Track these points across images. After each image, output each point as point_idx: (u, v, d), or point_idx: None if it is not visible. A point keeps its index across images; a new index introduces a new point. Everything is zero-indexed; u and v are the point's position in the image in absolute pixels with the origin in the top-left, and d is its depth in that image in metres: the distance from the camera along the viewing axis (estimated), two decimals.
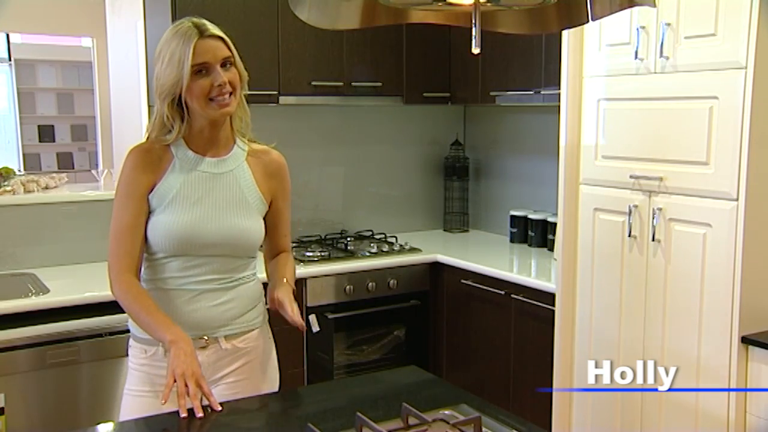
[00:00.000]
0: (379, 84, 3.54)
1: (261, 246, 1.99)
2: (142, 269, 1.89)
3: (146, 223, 1.84)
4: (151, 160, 1.85)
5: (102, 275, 2.89)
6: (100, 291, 2.66)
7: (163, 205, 1.83)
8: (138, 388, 1.87)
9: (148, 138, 1.89)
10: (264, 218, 1.95)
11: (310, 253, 3.32)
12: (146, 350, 1.86)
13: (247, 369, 1.92)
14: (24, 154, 7.60)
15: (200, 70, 1.78)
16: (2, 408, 2.48)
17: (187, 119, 1.85)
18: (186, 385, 1.63)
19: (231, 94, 1.81)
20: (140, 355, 1.88)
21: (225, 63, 1.81)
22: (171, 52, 1.78)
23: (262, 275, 2.02)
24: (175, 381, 1.64)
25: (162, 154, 1.86)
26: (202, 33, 1.78)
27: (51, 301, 2.62)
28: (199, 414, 1.62)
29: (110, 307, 2.58)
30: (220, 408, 1.67)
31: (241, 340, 1.91)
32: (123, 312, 1.86)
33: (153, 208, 1.84)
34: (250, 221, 1.89)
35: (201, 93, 1.79)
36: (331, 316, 3.18)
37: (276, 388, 2.00)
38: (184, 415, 1.61)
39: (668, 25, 2.31)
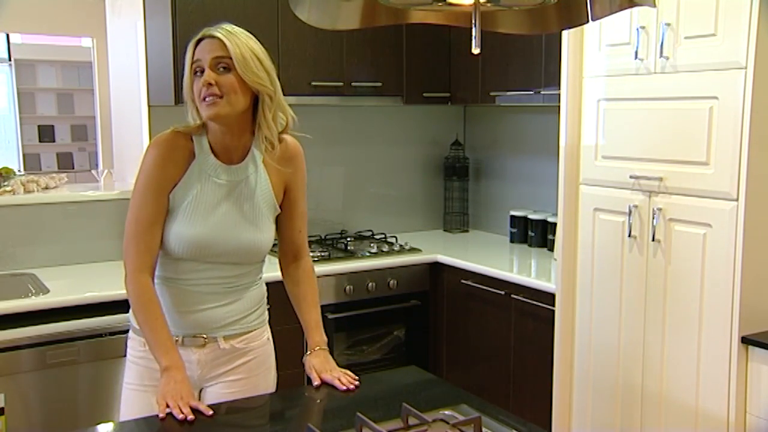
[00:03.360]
0: (379, 84, 3.53)
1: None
2: None
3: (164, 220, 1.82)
4: (174, 154, 1.82)
5: (102, 275, 2.92)
6: (100, 291, 2.67)
7: (179, 209, 1.81)
8: (137, 382, 1.87)
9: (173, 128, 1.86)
10: (278, 213, 1.94)
11: (311, 253, 3.31)
12: (144, 343, 1.86)
13: (245, 369, 1.92)
14: (24, 154, 7.60)
15: (196, 71, 1.78)
16: (2, 408, 2.48)
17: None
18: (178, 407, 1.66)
19: (221, 97, 1.76)
20: (138, 347, 1.88)
21: (219, 65, 1.76)
22: None
23: (266, 275, 2.02)
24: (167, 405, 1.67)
25: (185, 151, 1.83)
26: (205, 35, 1.79)
27: (51, 301, 2.62)
28: (191, 417, 1.63)
29: (110, 307, 2.59)
30: (211, 412, 1.67)
31: (240, 340, 1.91)
32: (123, 312, 1.86)
33: (172, 206, 1.82)
34: (261, 232, 1.88)
35: (196, 93, 1.79)
36: (331, 317, 3.18)
37: (273, 390, 2.00)
38: (180, 416, 1.63)
39: (668, 25, 2.31)
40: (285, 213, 1.96)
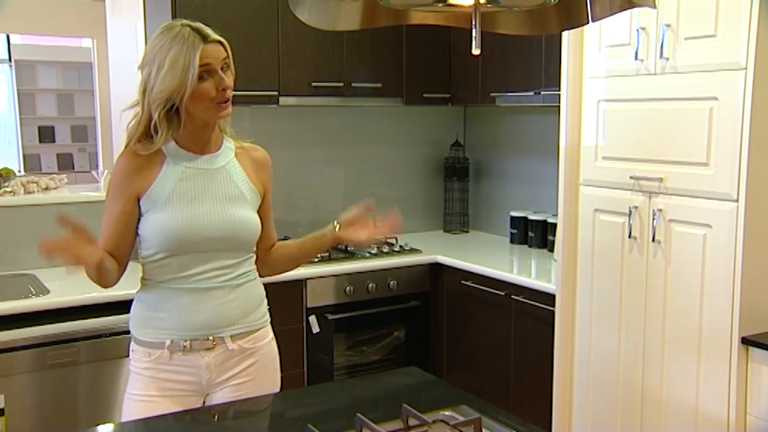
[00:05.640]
0: (379, 85, 3.54)
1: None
2: (145, 270, 1.89)
3: (138, 221, 1.85)
4: (141, 163, 1.84)
5: None
6: (100, 292, 2.64)
7: (159, 204, 1.83)
8: (143, 392, 1.86)
9: (127, 145, 1.87)
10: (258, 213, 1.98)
11: None
12: (150, 353, 1.86)
13: (253, 370, 1.93)
14: (24, 155, 7.60)
15: (202, 74, 1.78)
16: (2, 409, 2.48)
17: (177, 124, 1.84)
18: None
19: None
20: (144, 359, 1.87)
21: (223, 66, 1.82)
22: (172, 58, 1.76)
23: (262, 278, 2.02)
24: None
25: (152, 156, 1.85)
26: (205, 39, 1.79)
27: (51, 301, 2.62)
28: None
29: (110, 308, 2.59)
30: None
31: (247, 340, 1.91)
32: (123, 313, 1.86)
33: (145, 210, 1.84)
34: (248, 212, 1.92)
35: (206, 97, 1.79)
36: (331, 317, 3.18)
37: (278, 390, 2.00)
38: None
39: (668, 26, 2.31)
40: (262, 215, 2.00)
